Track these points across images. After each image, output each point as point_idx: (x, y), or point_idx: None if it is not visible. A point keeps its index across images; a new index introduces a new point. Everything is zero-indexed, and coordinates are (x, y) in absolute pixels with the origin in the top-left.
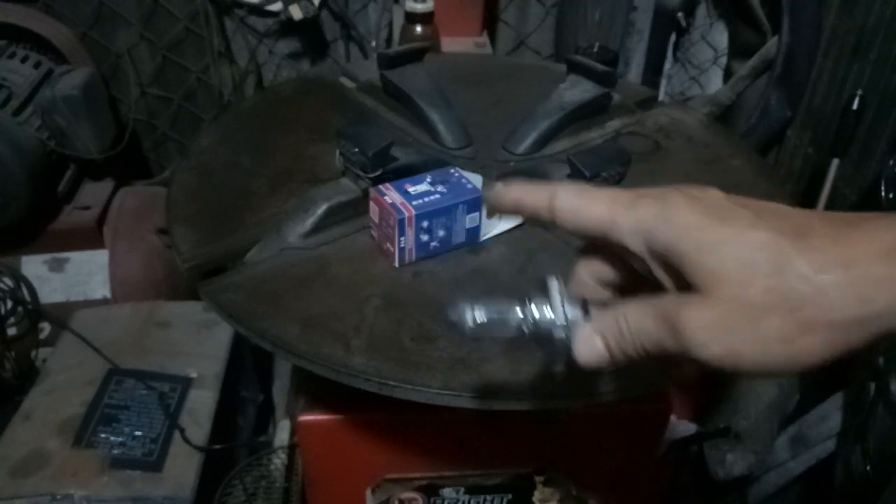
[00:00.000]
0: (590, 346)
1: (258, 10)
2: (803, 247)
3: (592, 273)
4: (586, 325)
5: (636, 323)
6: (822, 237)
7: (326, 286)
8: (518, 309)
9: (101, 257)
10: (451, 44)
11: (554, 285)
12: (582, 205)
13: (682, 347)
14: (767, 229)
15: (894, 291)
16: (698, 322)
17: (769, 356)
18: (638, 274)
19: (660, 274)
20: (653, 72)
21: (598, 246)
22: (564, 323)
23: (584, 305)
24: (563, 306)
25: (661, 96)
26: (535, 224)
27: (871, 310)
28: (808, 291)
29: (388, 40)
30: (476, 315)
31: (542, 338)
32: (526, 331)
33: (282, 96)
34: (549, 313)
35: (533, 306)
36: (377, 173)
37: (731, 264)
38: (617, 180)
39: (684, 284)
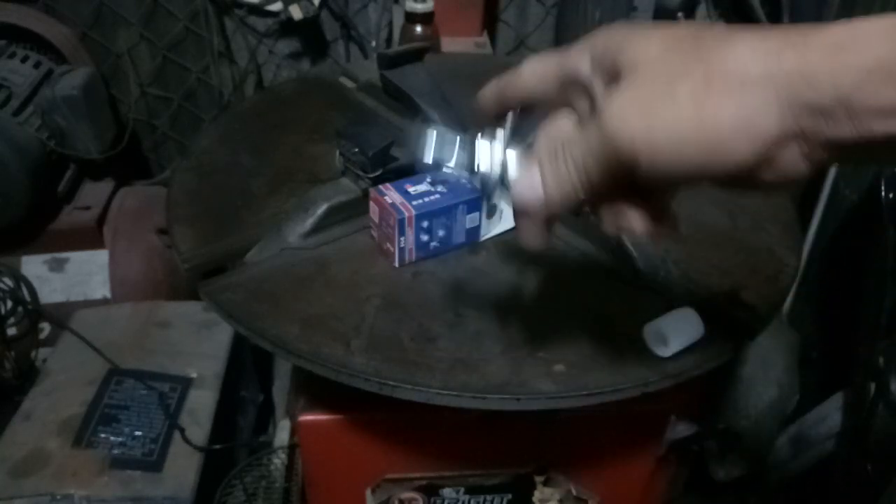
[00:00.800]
0: (527, 178)
1: (258, 10)
2: (722, 26)
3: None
4: (526, 156)
5: (569, 138)
6: (742, 28)
7: (326, 286)
8: (465, 144)
9: (101, 257)
10: (451, 44)
11: (507, 119)
12: (541, 58)
13: (604, 134)
14: (694, 23)
15: (803, 56)
16: (618, 101)
17: (680, 119)
18: None
19: (600, 90)
20: None
21: (555, 107)
22: (503, 158)
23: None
24: (502, 151)
25: None
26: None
27: (778, 67)
28: (721, 48)
29: (388, 40)
30: (434, 132)
31: (479, 178)
32: (475, 168)
33: (282, 96)
34: (487, 155)
35: (482, 138)
36: (377, 173)
37: (655, 45)
38: None
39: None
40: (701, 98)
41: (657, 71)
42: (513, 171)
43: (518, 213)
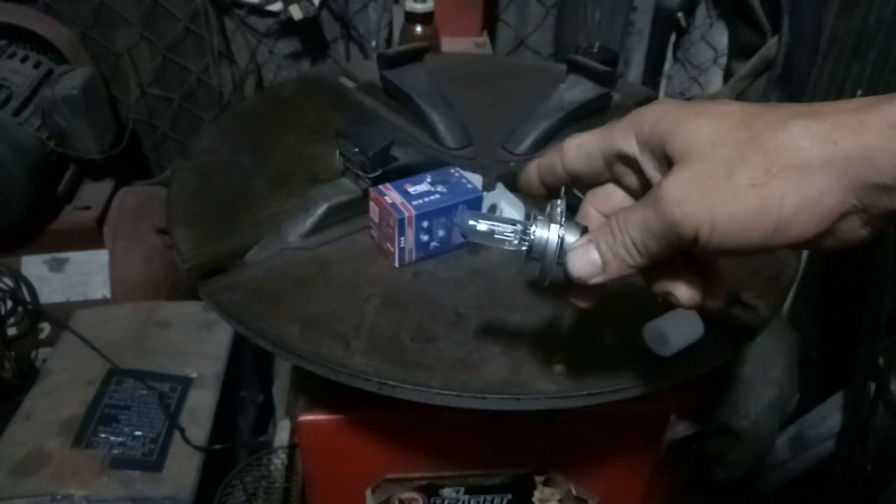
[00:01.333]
0: (583, 254)
1: (258, 10)
2: (774, 108)
3: (596, 206)
4: (582, 238)
5: (626, 217)
6: (793, 104)
7: (326, 286)
8: (518, 224)
9: (101, 257)
10: (451, 44)
11: (556, 204)
12: (584, 139)
13: (663, 218)
14: (741, 104)
15: (860, 137)
16: (674, 183)
17: (742, 205)
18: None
19: (649, 168)
20: (653, 72)
21: (601, 183)
22: (560, 239)
23: (584, 232)
24: (561, 224)
25: (661, 96)
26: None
27: (837, 152)
28: (777, 136)
29: (388, 40)
30: (478, 224)
31: (536, 253)
32: (523, 245)
33: (282, 96)
34: (546, 231)
35: (534, 223)
36: (377, 173)
37: (706, 129)
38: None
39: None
40: (761, 185)
41: (713, 157)
42: (571, 248)
43: (572, 283)
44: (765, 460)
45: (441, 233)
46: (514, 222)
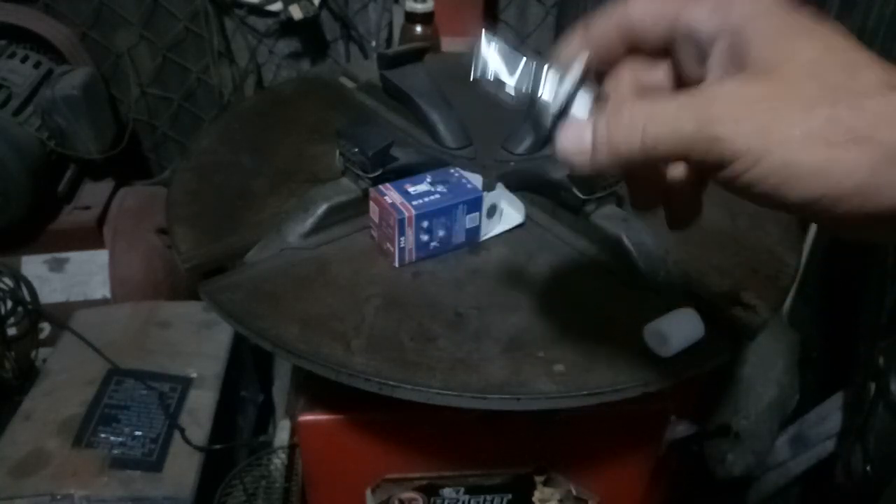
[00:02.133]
0: (574, 131)
1: (258, 10)
2: (885, 67)
3: (635, 70)
4: (586, 113)
5: (651, 107)
6: None
7: (326, 286)
8: (532, 67)
9: (101, 257)
10: (451, 44)
11: (578, 62)
12: None
13: (705, 127)
14: (854, 43)
15: None
16: (739, 94)
17: (806, 156)
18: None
19: (718, 59)
20: None
21: (655, 54)
22: (563, 101)
23: (598, 98)
24: (571, 87)
25: None
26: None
27: None
28: (878, 101)
29: (388, 40)
30: (494, 45)
31: (535, 107)
32: (524, 90)
33: (282, 96)
34: (553, 86)
35: (548, 73)
36: (377, 173)
37: (806, 53)
38: (616, 180)
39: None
40: (837, 143)
41: (799, 84)
42: (577, 110)
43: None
44: (765, 460)
45: (441, 233)
46: (530, 64)
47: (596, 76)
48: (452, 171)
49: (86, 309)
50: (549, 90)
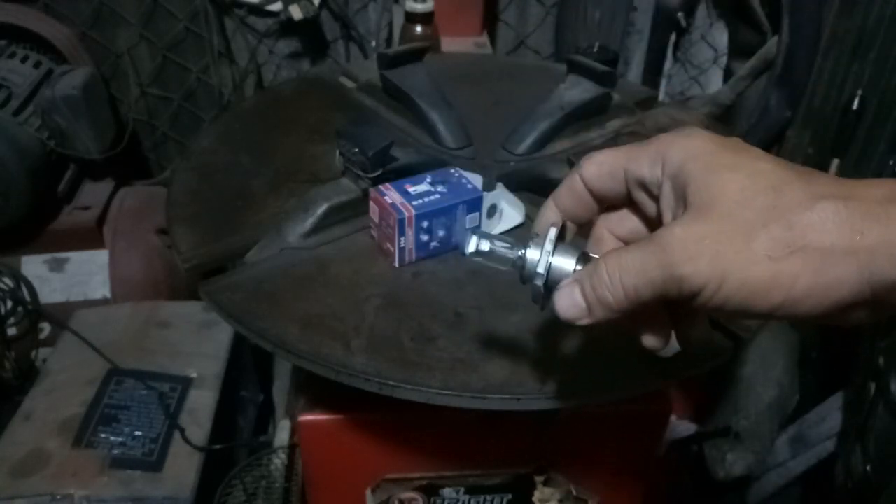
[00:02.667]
0: (568, 296)
1: (258, 10)
2: (805, 179)
3: (609, 227)
4: (568, 279)
5: (621, 259)
6: (824, 178)
7: (326, 286)
8: (518, 249)
9: (101, 257)
10: (451, 44)
11: (550, 232)
12: (607, 156)
13: (668, 269)
14: (775, 163)
15: (886, 230)
16: (688, 234)
17: (755, 274)
18: (652, 228)
19: (666, 202)
20: (653, 72)
21: (619, 206)
22: (543, 273)
23: (585, 260)
24: (550, 255)
25: (661, 96)
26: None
27: (862, 243)
28: (804, 214)
29: (388, 40)
30: (480, 243)
31: (527, 278)
32: (517, 272)
33: (282, 96)
34: (537, 255)
35: (531, 249)
36: (377, 173)
37: (733, 185)
38: None
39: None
40: (779, 259)
41: (734, 214)
42: (563, 269)
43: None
44: (765, 460)
45: (441, 233)
46: (513, 246)
47: (582, 233)
48: (452, 171)
49: (86, 309)
50: (532, 262)
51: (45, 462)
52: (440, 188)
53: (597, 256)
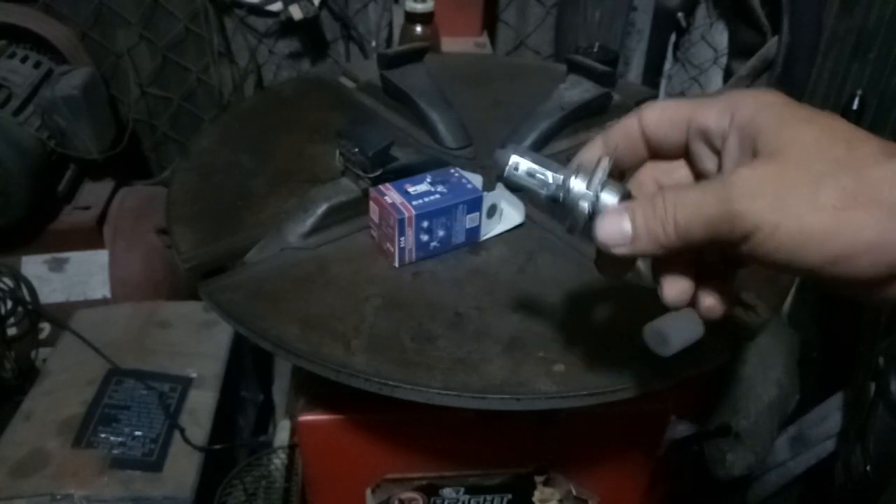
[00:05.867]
0: (614, 220)
1: (258, 10)
2: (879, 139)
3: (656, 175)
4: (619, 204)
5: (677, 194)
6: (893, 143)
7: (326, 286)
8: (559, 171)
9: (101, 257)
10: (451, 44)
11: (602, 162)
12: (670, 104)
13: (726, 205)
14: (848, 123)
15: None
16: (752, 175)
17: (817, 222)
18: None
19: (731, 153)
20: (653, 72)
21: (672, 157)
22: (594, 195)
23: (626, 197)
24: (599, 181)
25: (661, 96)
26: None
27: None
28: (877, 169)
29: (388, 40)
30: (520, 163)
31: (569, 206)
32: (560, 195)
33: (282, 96)
34: (584, 185)
35: (575, 177)
36: (377, 173)
37: (806, 136)
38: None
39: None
40: (844, 208)
41: (804, 162)
42: (606, 205)
43: (599, 250)
44: (765, 460)
45: (441, 233)
46: (556, 169)
47: (619, 178)
48: (452, 171)
49: (86, 309)
50: (578, 190)
51: (45, 462)
52: (440, 188)
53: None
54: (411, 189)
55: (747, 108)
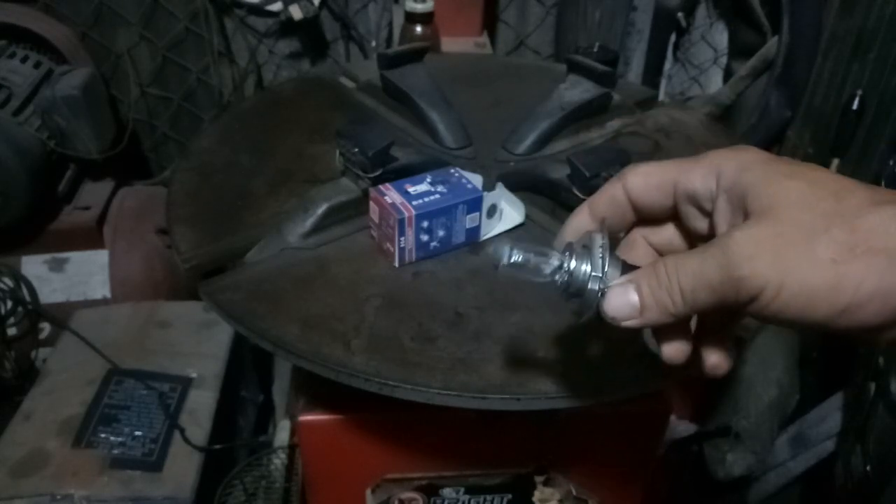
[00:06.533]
0: (622, 294)
1: (258, 10)
2: (866, 187)
3: (645, 234)
4: (621, 277)
5: (679, 262)
6: (884, 189)
7: (326, 286)
8: (556, 257)
9: (101, 257)
10: (451, 44)
11: (597, 238)
12: (653, 169)
13: (727, 270)
14: (831, 173)
15: None
16: (749, 237)
17: (818, 277)
18: (690, 241)
19: (722, 215)
20: (653, 72)
21: (660, 220)
22: (600, 275)
23: (625, 267)
24: (602, 259)
25: (661, 96)
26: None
27: None
28: (867, 218)
29: (388, 40)
30: (513, 254)
31: (574, 289)
32: (559, 280)
33: (282, 96)
34: (586, 265)
35: (572, 257)
36: (377, 173)
37: (793, 192)
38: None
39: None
40: (842, 262)
41: (796, 222)
42: (609, 292)
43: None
44: (765, 460)
45: (441, 233)
46: (549, 254)
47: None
48: (452, 171)
49: (86, 309)
50: (583, 272)
51: (45, 462)
52: (440, 188)
53: (639, 266)
54: (411, 189)
55: (731, 169)
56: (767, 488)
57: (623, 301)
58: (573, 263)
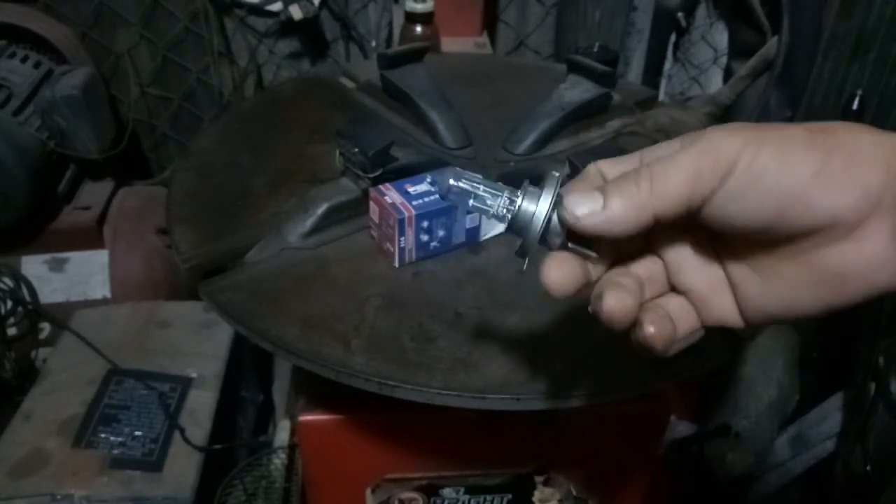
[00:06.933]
0: (584, 190)
1: (258, 10)
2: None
3: (602, 169)
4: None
5: (648, 155)
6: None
7: (326, 286)
8: (508, 191)
9: (101, 257)
10: (451, 44)
11: (553, 176)
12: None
13: (703, 144)
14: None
15: None
16: (727, 126)
17: (794, 134)
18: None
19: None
20: (653, 72)
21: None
22: (548, 213)
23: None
24: (553, 198)
25: (661, 96)
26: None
27: (889, 137)
28: (838, 129)
29: (388, 40)
30: (461, 182)
31: (518, 226)
32: (504, 212)
33: (282, 96)
34: (535, 204)
35: (524, 195)
36: (377, 173)
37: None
38: None
39: None
40: (816, 131)
41: (768, 128)
42: (570, 202)
43: (557, 244)
44: (765, 460)
45: (441, 233)
46: (501, 189)
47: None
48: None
49: (86, 309)
50: (528, 209)
51: (45, 462)
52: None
53: None
54: (411, 189)
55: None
56: (767, 488)
57: (584, 196)
58: (521, 201)
